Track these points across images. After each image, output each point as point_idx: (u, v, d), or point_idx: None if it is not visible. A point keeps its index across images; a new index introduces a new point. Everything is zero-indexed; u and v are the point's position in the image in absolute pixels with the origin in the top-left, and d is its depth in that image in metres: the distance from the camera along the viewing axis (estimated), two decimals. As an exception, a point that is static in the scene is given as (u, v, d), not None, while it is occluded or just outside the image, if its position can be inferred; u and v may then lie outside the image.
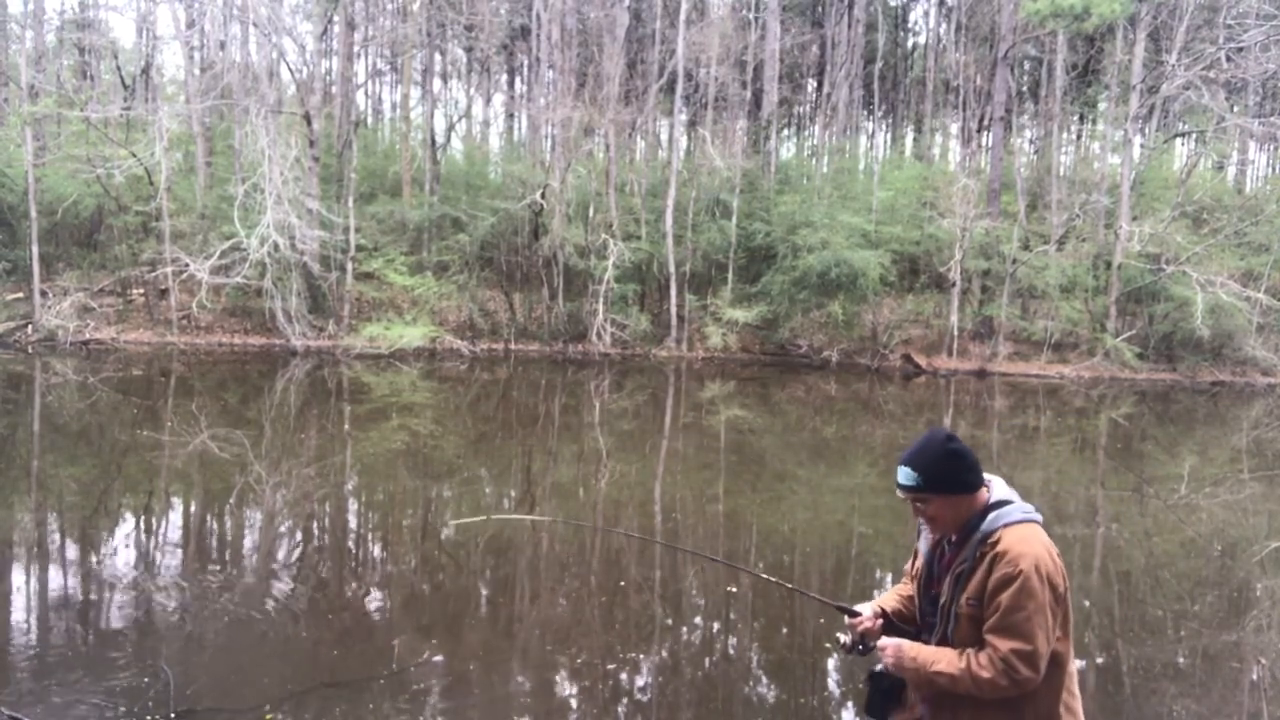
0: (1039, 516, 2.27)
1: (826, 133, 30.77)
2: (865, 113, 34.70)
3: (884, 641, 2.35)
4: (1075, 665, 2.27)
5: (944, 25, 34.27)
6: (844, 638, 2.49)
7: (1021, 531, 2.17)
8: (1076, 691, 2.28)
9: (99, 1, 28.98)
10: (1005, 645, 2.09)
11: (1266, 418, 17.42)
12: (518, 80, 35.77)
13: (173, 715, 4.13)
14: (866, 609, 2.51)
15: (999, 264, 22.62)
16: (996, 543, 2.15)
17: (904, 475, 2.24)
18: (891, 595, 2.57)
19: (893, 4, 36.05)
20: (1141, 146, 26.12)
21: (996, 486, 2.29)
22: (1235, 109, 27.35)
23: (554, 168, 23.19)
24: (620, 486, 9.49)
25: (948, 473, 2.21)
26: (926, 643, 2.31)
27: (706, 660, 5.23)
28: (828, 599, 2.78)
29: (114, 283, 22.06)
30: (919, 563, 2.45)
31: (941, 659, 2.21)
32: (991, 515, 2.20)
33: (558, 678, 4.85)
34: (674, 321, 22.96)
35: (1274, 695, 4.88)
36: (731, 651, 5.41)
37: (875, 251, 22.05)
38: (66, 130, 23.01)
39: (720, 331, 22.05)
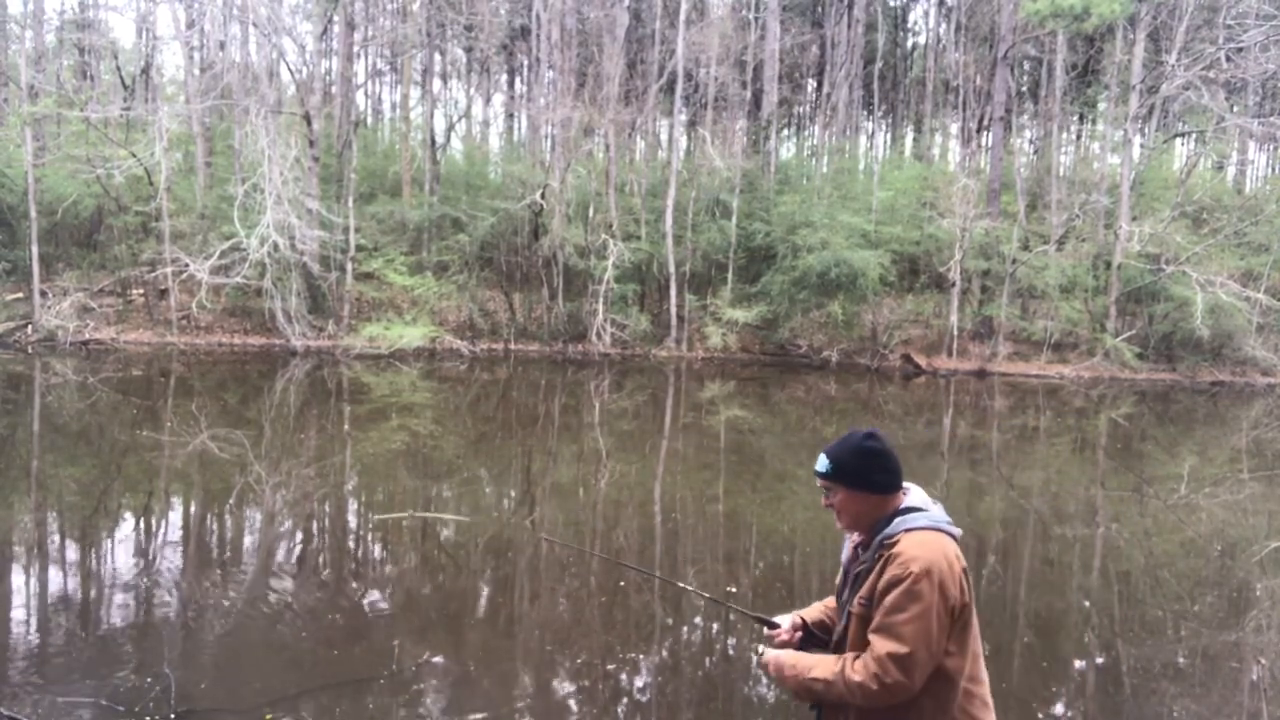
0: (953, 529, 2.20)
1: (826, 133, 30.77)
2: (865, 113, 34.70)
3: (766, 656, 2.30)
4: (985, 688, 2.17)
5: (944, 25, 34.28)
6: (763, 650, 2.38)
7: (923, 537, 2.10)
8: (982, 716, 2.14)
9: (99, 1, 29.00)
10: (882, 647, 2.01)
11: (1266, 418, 17.42)
12: (517, 80, 35.78)
13: (173, 716, 4.13)
14: (786, 620, 2.47)
15: (999, 264, 22.62)
16: (894, 544, 2.10)
17: (820, 461, 2.28)
18: (816, 606, 2.51)
19: (892, 4, 36.06)
20: (1141, 146, 26.13)
21: (913, 494, 2.26)
22: (1235, 109, 27.36)
23: (554, 168, 23.19)
24: (620, 487, 9.49)
25: (858, 468, 2.22)
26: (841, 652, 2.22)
27: (706, 660, 5.23)
28: (750, 612, 2.74)
29: (114, 283, 22.07)
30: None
31: (819, 665, 2.15)
32: (897, 520, 2.17)
33: (558, 678, 4.85)
34: (674, 321, 22.97)
35: (1274, 695, 4.89)
36: (731, 651, 5.41)
37: (875, 251, 22.06)
38: (66, 130, 23.02)
39: (720, 331, 22.05)
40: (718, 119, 27.73)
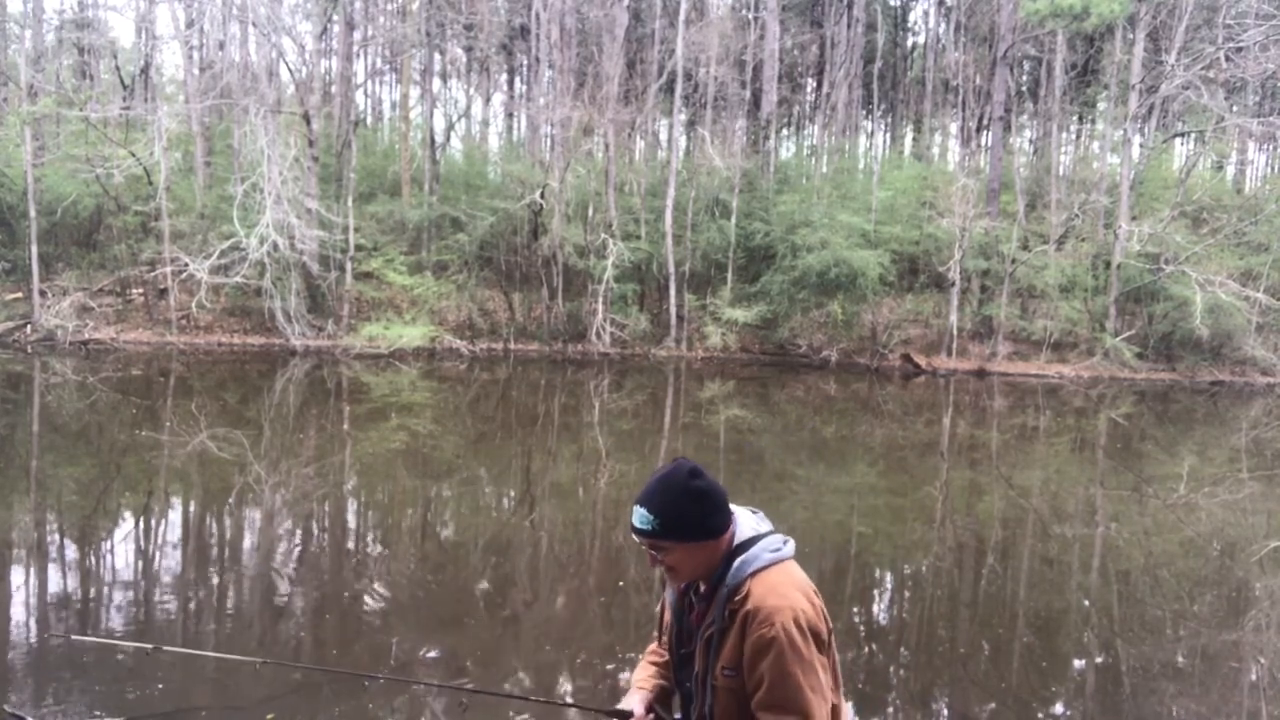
0: (789, 549, 1.97)
1: (826, 132, 30.77)
2: (864, 112, 34.70)
3: None
4: (840, 693, 1.99)
5: (943, 25, 34.28)
6: None
7: (771, 579, 1.84)
8: None
9: (98, 1, 28.99)
10: None
11: (1265, 417, 17.42)
12: (517, 80, 35.76)
13: (172, 715, 4.13)
14: (637, 705, 2.06)
15: (998, 264, 22.63)
16: (745, 597, 1.81)
17: (639, 518, 1.87)
18: (649, 672, 2.17)
19: (892, 4, 36.05)
20: (1141, 146, 26.13)
21: (742, 523, 1.97)
22: (1234, 109, 27.36)
23: (553, 167, 23.18)
24: (619, 486, 9.49)
25: (690, 517, 1.85)
26: (688, 716, 2.00)
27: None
28: (596, 707, 2.49)
29: (113, 282, 22.05)
30: (668, 617, 2.08)
31: None
32: (736, 564, 1.87)
33: (557, 677, 4.85)
34: (673, 321, 22.96)
35: (1273, 695, 4.89)
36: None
37: (874, 251, 22.06)
38: (66, 130, 23.02)
39: (719, 331, 22.06)
40: (717, 118, 27.73)
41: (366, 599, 5.90)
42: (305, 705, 4.31)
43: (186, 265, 19.49)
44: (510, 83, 36.31)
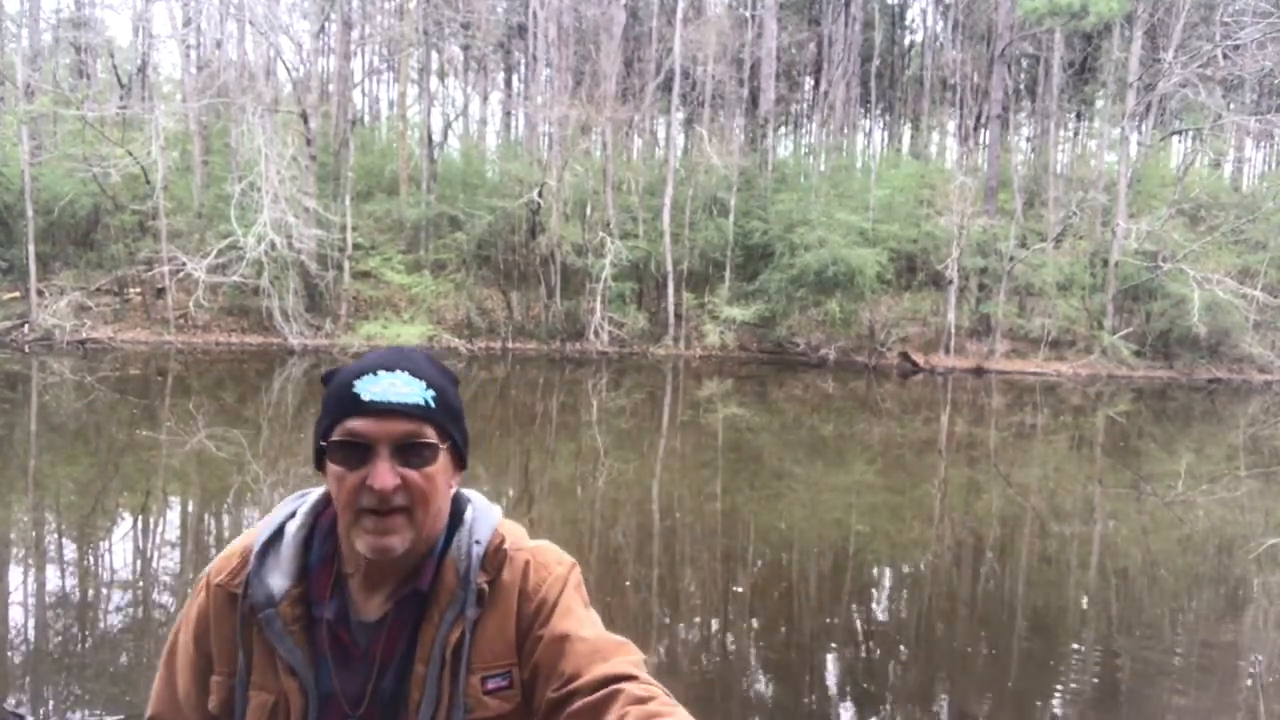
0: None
1: (824, 131, 30.78)
2: (862, 111, 34.70)
3: None
4: None
5: (941, 23, 34.29)
6: None
7: (517, 529, 1.28)
8: None
9: (95, 0, 28.92)
10: (622, 651, 1.17)
11: (1263, 415, 17.45)
12: (515, 78, 35.74)
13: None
14: None
15: (996, 262, 22.64)
16: (505, 553, 1.20)
17: (397, 384, 1.11)
18: None
19: (890, 2, 36.05)
20: (1138, 144, 26.15)
21: None
22: (1232, 106, 27.37)
23: (551, 166, 23.17)
24: (618, 485, 9.49)
25: (458, 404, 1.20)
26: None
27: (705, 659, 5.23)
28: None
29: (111, 282, 22.02)
30: (257, 681, 1.17)
31: None
32: (470, 516, 1.24)
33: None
34: (671, 320, 22.96)
35: (1271, 691, 4.90)
36: (730, 651, 5.41)
37: (872, 249, 22.08)
38: (63, 129, 22.96)
39: (718, 330, 22.06)
40: (715, 117, 27.72)
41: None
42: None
43: (184, 264, 19.47)
44: (508, 81, 36.29)
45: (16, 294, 21.06)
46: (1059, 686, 4.93)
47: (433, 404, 1.13)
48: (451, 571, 1.17)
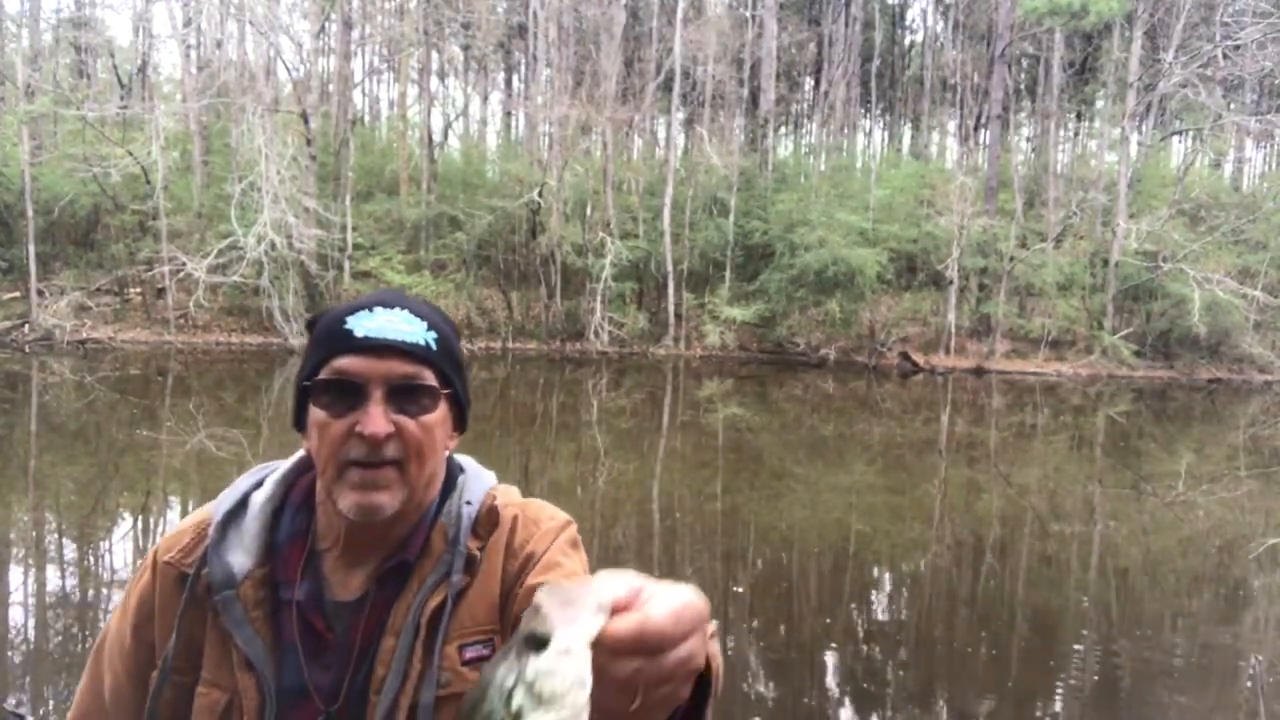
0: None
1: (824, 131, 30.78)
2: (862, 111, 34.71)
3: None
4: None
5: (941, 23, 34.29)
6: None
7: (513, 492, 1.18)
8: None
9: (95, 0, 28.93)
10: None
11: (1263, 415, 17.45)
12: (515, 78, 35.74)
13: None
14: None
15: (996, 262, 22.64)
16: (498, 516, 1.08)
17: (395, 322, 1.00)
18: None
19: (890, 2, 36.06)
20: (1139, 144, 26.16)
21: None
22: (1232, 106, 27.37)
23: (551, 166, 23.17)
24: (618, 485, 9.49)
25: (461, 354, 1.11)
26: None
27: (705, 658, 5.22)
28: None
29: (111, 282, 22.02)
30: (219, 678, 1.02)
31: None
32: (462, 480, 1.12)
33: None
34: (671, 320, 22.97)
35: (1271, 692, 4.90)
36: (730, 650, 5.41)
37: (873, 249, 22.09)
38: (63, 129, 22.98)
39: (718, 330, 22.07)
40: (715, 117, 27.72)
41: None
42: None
43: (184, 264, 19.47)
44: (508, 81, 36.29)
45: (16, 294, 21.07)
46: (1059, 686, 4.93)
47: (434, 346, 1.02)
48: (440, 537, 1.06)
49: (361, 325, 0.99)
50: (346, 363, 0.98)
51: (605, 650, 0.60)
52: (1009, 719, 4.53)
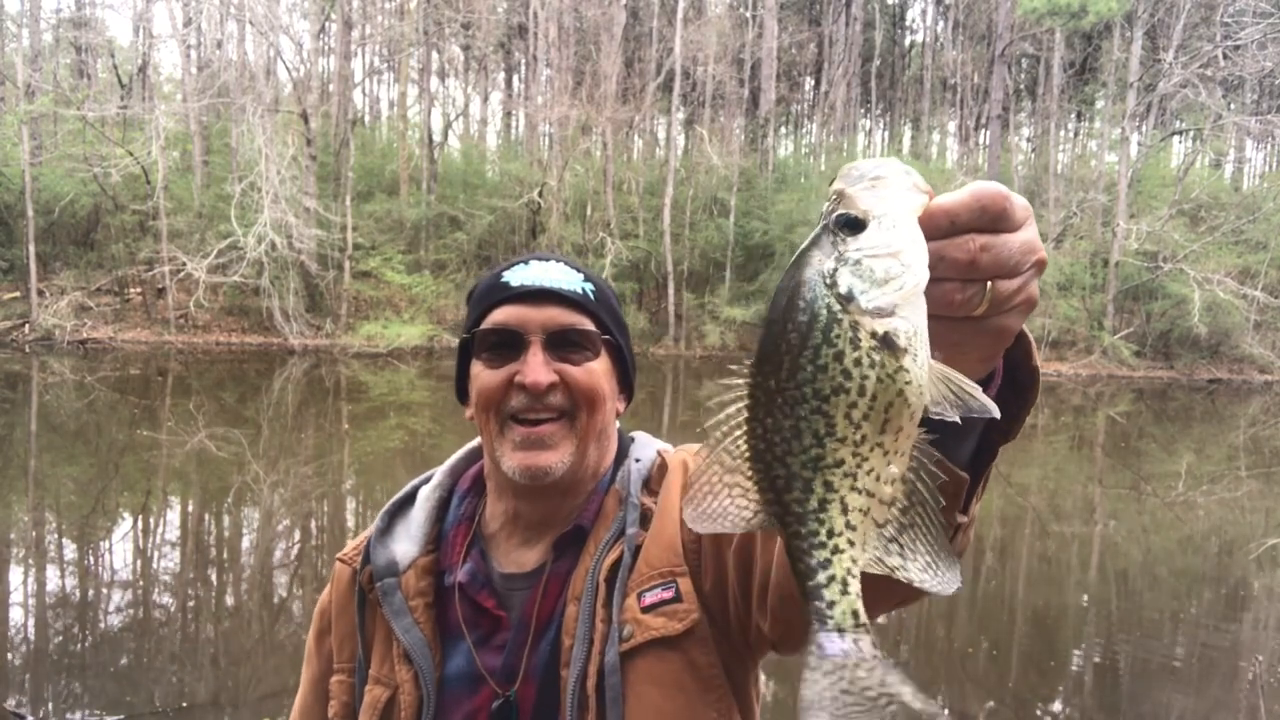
0: None
1: (824, 131, 30.78)
2: (862, 111, 34.71)
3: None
4: None
5: (941, 23, 34.29)
6: None
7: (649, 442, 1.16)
8: None
9: (95, 0, 28.93)
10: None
11: (1263, 415, 17.44)
12: (515, 79, 35.74)
13: (171, 714, 4.13)
14: None
15: (996, 262, 22.64)
16: (678, 454, 1.08)
17: (550, 271, 1.01)
18: None
19: (890, 2, 36.07)
20: (1139, 144, 26.15)
21: None
22: (1232, 107, 27.38)
23: (551, 166, 23.18)
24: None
25: (621, 312, 1.11)
26: None
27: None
28: None
29: (111, 282, 22.02)
30: (380, 674, 1.00)
31: None
32: (634, 449, 1.11)
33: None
34: (672, 320, 22.96)
35: (1271, 690, 4.90)
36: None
37: (873, 249, 22.10)
38: (63, 129, 22.97)
39: (718, 330, 22.07)
40: (715, 117, 27.72)
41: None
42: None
43: (184, 264, 19.47)
44: (508, 81, 36.29)
45: (17, 294, 21.07)
46: (1059, 686, 4.93)
47: (592, 295, 1.01)
48: (614, 500, 1.02)
49: (517, 275, 0.98)
50: (504, 313, 0.97)
51: (940, 225, 0.51)
52: (1009, 719, 4.53)
